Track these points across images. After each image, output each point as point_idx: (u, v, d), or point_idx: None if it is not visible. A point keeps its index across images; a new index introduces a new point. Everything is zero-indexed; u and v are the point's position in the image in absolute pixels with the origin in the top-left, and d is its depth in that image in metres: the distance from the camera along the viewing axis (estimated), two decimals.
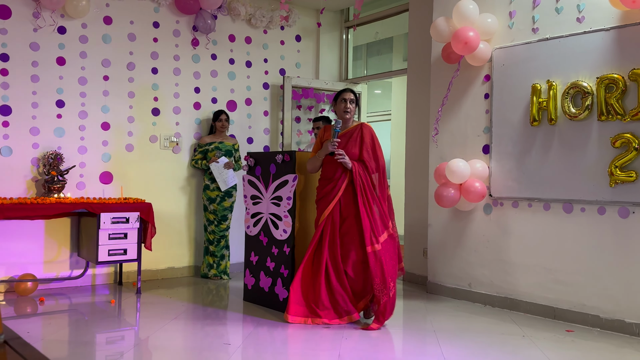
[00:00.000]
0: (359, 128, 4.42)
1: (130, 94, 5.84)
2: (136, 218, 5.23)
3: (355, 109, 4.48)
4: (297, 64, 6.97)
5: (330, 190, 4.30)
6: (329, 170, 4.33)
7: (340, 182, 4.28)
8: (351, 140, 4.34)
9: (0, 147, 5.19)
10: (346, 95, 4.42)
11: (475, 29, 4.82)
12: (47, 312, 4.69)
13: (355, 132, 4.39)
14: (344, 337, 3.94)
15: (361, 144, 4.34)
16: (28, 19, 5.28)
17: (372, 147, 4.36)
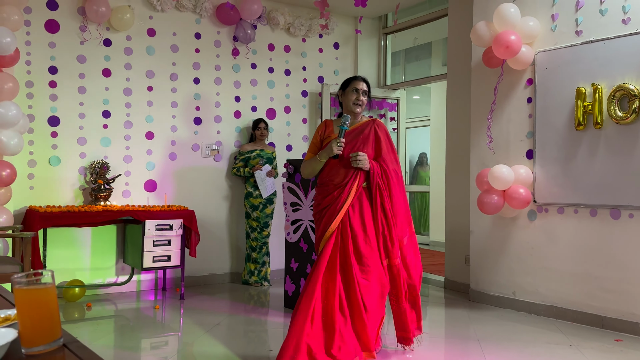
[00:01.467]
0: (371, 124, 3.66)
1: (173, 103, 5.95)
2: (179, 225, 5.32)
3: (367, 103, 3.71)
4: (335, 71, 6.99)
5: (336, 197, 3.48)
6: (334, 175, 3.54)
7: (349, 187, 3.48)
8: (361, 139, 3.58)
9: (49, 157, 5.35)
10: (359, 85, 3.64)
11: (517, 32, 4.76)
12: (94, 317, 4.79)
13: (366, 128, 3.62)
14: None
15: (376, 143, 3.61)
16: (75, 32, 5.45)
17: (390, 147, 3.67)
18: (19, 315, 1.18)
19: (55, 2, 5.33)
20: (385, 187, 3.53)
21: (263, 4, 6.30)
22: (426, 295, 5.73)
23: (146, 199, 5.80)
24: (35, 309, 1.18)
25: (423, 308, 5.13)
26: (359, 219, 3.48)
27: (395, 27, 6.89)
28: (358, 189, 3.49)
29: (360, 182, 3.51)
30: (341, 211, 3.43)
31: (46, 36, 5.32)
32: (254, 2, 6.08)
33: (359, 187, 3.50)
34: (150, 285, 5.85)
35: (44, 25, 5.31)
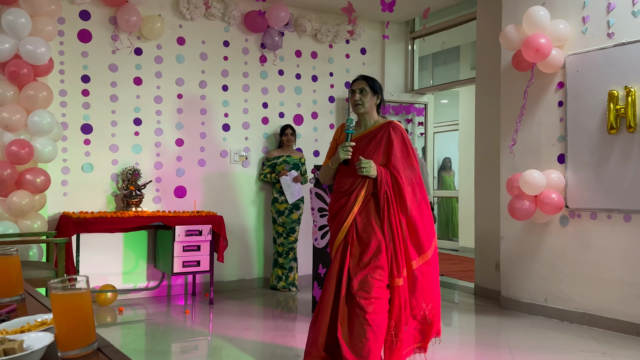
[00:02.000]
0: (385, 128, 3.27)
1: (202, 110, 6.01)
2: (208, 231, 5.36)
3: (374, 101, 3.32)
4: None
5: (343, 205, 3.22)
6: (343, 182, 3.26)
7: (356, 194, 3.17)
8: (373, 143, 3.24)
9: (82, 163, 5.45)
10: (354, 85, 3.33)
11: (547, 35, 4.70)
12: (125, 321, 4.86)
13: (379, 132, 3.25)
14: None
15: (388, 147, 3.21)
16: (107, 41, 5.54)
17: (405, 153, 3.24)
18: (55, 319, 1.20)
19: (87, 12, 5.44)
20: (394, 197, 3.14)
21: (290, 11, 6.33)
22: (456, 302, 5.68)
23: (176, 205, 5.85)
24: (71, 314, 1.20)
25: (452, 314, 5.11)
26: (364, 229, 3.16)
27: (423, 31, 6.86)
28: (366, 197, 3.16)
29: (369, 189, 3.16)
30: (347, 220, 3.16)
31: (79, 46, 5.43)
32: (281, 9, 6.13)
33: (367, 195, 3.16)
34: (180, 290, 5.90)
35: (76, 35, 5.41)
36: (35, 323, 1.37)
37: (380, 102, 3.38)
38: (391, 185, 3.14)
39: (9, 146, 4.57)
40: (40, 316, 1.42)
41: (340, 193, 3.24)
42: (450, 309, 5.36)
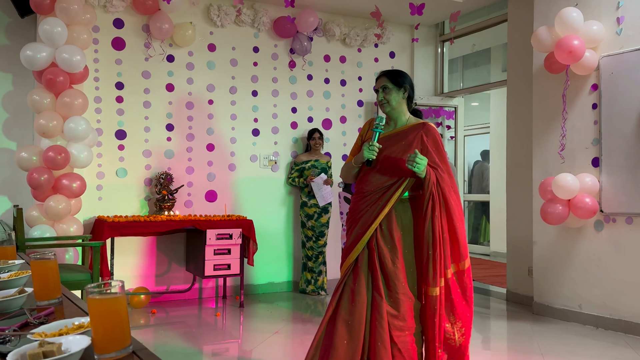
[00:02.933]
0: (418, 130, 2.96)
1: (232, 116, 6.06)
2: (239, 234, 5.39)
3: (400, 95, 3.01)
4: None
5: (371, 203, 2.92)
6: (366, 183, 2.98)
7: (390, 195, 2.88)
8: (402, 144, 2.95)
9: (117, 169, 5.54)
10: (377, 84, 3.07)
11: (580, 37, 4.63)
12: (158, 323, 4.91)
13: (411, 134, 2.96)
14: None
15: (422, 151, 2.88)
16: (140, 49, 5.63)
17: (443, 158, 2.96)
18: (92, 323, 1.22)
19: (121, 20, 5.54)
20: (439, 200, 2.86)
21: (319, 16, 6.35)
22: (487, 308, 5.61)
23: (207, 209, 5.90)
24: (107, 318, 1.22)
25: (484, 320, 5.06)
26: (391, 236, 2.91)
27: (453, 34, 6.82)
28: (395, 201, 2.89)
29: (401, 193, 2.89)
30: (375, 222, 2.88)
31: (113, 53, 5.52)
32: (310, 14, 6.16)
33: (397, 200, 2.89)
34: (211, 293, 5.95)
35: (110, 43, 5.51)
36: (72, 326, 1.39)
37: (410, 94, 3.06)
38: (437, 187, 2.85)
39: (46, 152, 4.67)
40: (77, 319, 1.44)
41: (362, 194, 2.97)
42: (482, 314, 5.30)
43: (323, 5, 6.25)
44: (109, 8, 5.44)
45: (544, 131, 5.21)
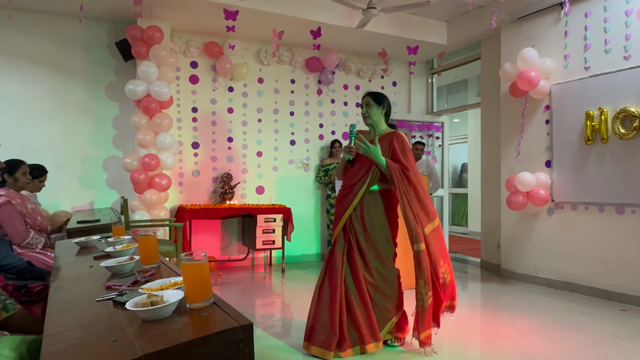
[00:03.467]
0: (390, 136, 2.85)
1: (275, 130, 6.10)
2: (281, 218, 5.41)
3: (380, 111, 2.91)
4: (394, 102, 6.94)
5: (345, 195, 2.85)
6: (348, 177, 2.89)
7: (358, 188, 2.79)
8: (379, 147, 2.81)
9: (192, 170, 5.64)
10: (362, 101, 2.97)
11: (536, 70, 4.59)
12: (223, 283, 4.96)
13: (384, 139, 2.86)
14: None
15: (391, 151, 2.81)
16: (209, 82, 5.70)
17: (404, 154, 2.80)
18: (184, 281, 1.28)
19: (196, 62, 5.62)
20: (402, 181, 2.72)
21: (340, 56, 6.36)
22: (465, 273, 5.59)
23: (257, 199, 5.94)
24: (195, 277, 1.27)
25: (462, 283, 5.05)
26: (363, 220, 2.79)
27: (440, 68, 6.78)
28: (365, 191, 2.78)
29: (369, 185, 2.78)
30: (348, 210, 2.79)
31: (190, 86, 5.60)
32: (333, 55, 6.18)
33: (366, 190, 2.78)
34: (261, 262, 5.98)
35: (188, 78, 5.59)
36: (169, 283, 1.44)
37: (387, 111, 2.94)
38: (399, 170, 2.73)
39: (143, 158, 4.79)
40: (173, 279, 1.48)
41: (344, 186, 2.88)
42: (461, 278, 5.29)
43: (342, 48, 6.27)
44: (187, 53, 5.54)
45: (508, 140, 5.17)
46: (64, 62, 5.07)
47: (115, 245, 2.23)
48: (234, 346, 1.08)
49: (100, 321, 1.19)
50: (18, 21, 4.85)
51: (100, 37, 5.22)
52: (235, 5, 4.72)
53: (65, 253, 2.26)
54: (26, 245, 2.93)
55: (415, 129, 6.99)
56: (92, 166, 5.19)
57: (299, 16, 5.10)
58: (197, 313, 1.21)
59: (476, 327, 3.52)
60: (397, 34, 5.72)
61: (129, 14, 4.92)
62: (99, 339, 1.07)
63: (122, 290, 1.46)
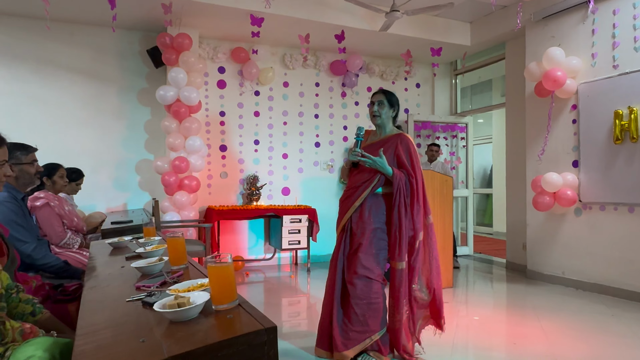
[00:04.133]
0: (395, 138, 2.73)
1: (300, 133, 6.10)
2: (306, 219, 5.41)
3: (390, 113, 2.76)
4: (417, 104, 6.87)
5: (349, 196, 2.74)
6: (352, 180, 2.77)
7: (361, 191, 2.67)
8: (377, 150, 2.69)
9: (220, 172, 5.68)
10: (374, 97, 2.78)
11: (562, 69, 4.45)
12: (250, 282, 4.98)
13: (389, 141, 2.73)
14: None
15: (395, 154, 2.69)
16: (236, 87, 5.74)
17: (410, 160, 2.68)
18: (210, 283, 1.27)
19: (223, 67, 5.67)
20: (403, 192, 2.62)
21: (363, 59, 6.33)
22: (490, 273, 5.46)
23: (283, 200, 5.94)
24: (221, 279, 1.26)
25: (487, 282, 4.94)
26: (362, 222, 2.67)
27: (463, 69, 6.66)
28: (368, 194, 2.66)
29: (373, 189, 2.66)
30: (348, 211, 2.70)
31: (217, 91, 5.65)
32: (356, 58, 6.15)
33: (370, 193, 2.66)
34: (287, 261, 5.98)
35: (216, 83, 5.64)
36: (196, 285, 1.43)
37: (396, 115, 2.81)
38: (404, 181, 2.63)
39: (173, 161, 4.86)
40: (199, 280, 1.47)
41: (348, 188, 2.77)
42: (486, 279, 5.17)
43: (366, 51, 6.23)
44: (215, 59, 5.60)
45: (534, 141, 5.03)
46: (99, 70, 5.20)
47: (146, 246, 2.25)
48: (259, 348, 1.08)
49: (129, 321, 1.20)
50: (56, 31, 5.00)
51: (133, 45, 5.33)
52: (261, 11, 4.74)
53: (99, 253, 2.31)
54: (63, 245, 3.01)
55: (439, 130, 6.88)
56: (125, 169, 5.30)
57: (323, 20, 5.08)
58: (223, 315, 1.20)
59: (501, 329, 3.42)
60: (420, 36, 5.64)
61: (160, 23, 5.00)
62: (128, 339, 1.07)
63: (151, 291, 1.46)
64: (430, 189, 4.52)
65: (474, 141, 8.00)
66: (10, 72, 4.87)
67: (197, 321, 1.16)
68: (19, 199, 2.31)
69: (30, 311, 1.50)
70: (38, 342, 1.16)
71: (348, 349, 2.55)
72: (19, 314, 1.48)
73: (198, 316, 1.20)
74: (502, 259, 6.07)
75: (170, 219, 4.78)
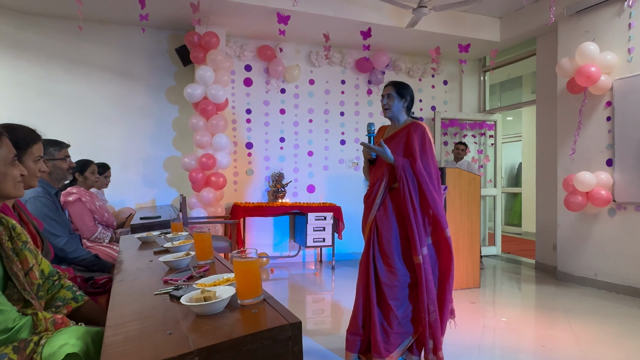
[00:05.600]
0: (408, 127, 2.60)
1: (326, 130, 6.09)
2: (331, 217, 5.38)
3: (402, 104, 2.63)
4: (444, 101, 6.76)
5: (369, 194, 2.66)
6: (372, 177, 2.70)
7: (378, 187, 2.60)
8: (395, 142, 2.60)
9: (246, 169, 5.72)
10: (384, 91, 2.67)
11: (596, 65, 4.29)
12: (275, 279, 4.99)
13: (402, 131, 2.61)
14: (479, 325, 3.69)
15: (407, 144, 2.56)
16: (262, 85, 5.76)
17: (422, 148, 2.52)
18: (236, 278, 1.27)
19: (249, 65, 5.71)
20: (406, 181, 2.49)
21: (390, 56, 6.26)
22: (519, 274, 5.33)
23: (308, 198, 5.95)
24: (246, 274, 1.26)
25: (516, 283, 4.82)
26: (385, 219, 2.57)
27: (493, 66, 6.51)
28: (385, 190, 2.57)
29: (388, 184, 2.57)
30: (372, 210, 2.60)
31: (244, 89, 5.69)
32: (383, 55, 6.09)
33: (385, 188, 2.57)
34: (311, 258, 5.98)
35: (242, 81, 5.68)
36: (222, 280, 1.43)
37: (410, 105, 2.68)
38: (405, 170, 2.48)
39: (200, 158, 4.92)
40: (225, 275, 1.48)
41: (369, 186, 2.69)
42: (514, 279, 5.05)
43: (392, 48, 6.17)
44: (242, 57, 5.64)
45: (566, 139, 4.88)
46: (129, 69, 5.31)
47: (173, 241, 2.27)
48: (283, 343, 1.07)
49: (157, 314, 1.22)
50: (88, 32, 5.14)
51: (161, 44, 5.42)
52: (287, 9, 4.75)
53: (128, 247, 2.35)
54: (94, 240, 3.09)
55: (467, 128, 6.76)
56: (153, 165, 5.39)
57: (349, 17, 5.05)
58: (248, 309, 1.20)
59: (530, 330, 3.33)
60: (448, 32, 5.54)
61: (188, 22, 5.07)
62: (155, 332, 1.09)
63: (178, 285, 1.48)
64: (457, 188, 4.44)
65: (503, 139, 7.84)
66: (45, 72, 5.03)
67: (223, 315, 1.17)
68: (52, 194, 2.38)
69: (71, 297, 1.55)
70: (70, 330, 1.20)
71: (390, 352, 2.46)
72: (60, 298, 1.53)
73: (224, 310, 1.20)
74: (531, 260, 5.92)
75: (197, 215, 4.84)
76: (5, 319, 1.19)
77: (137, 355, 0.95)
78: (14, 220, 1.43)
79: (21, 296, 1.31)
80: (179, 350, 0.96)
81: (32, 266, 1.39)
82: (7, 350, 1.15)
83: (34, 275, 1.39)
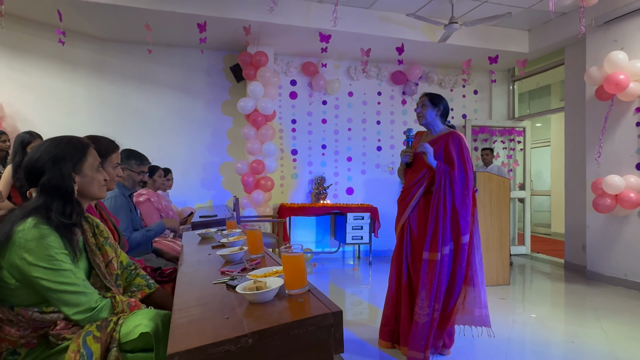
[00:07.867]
0: (446, 136, 2.52)
1: (363, 138, 6.06)
2: (368, 217, 5.36)
3: (435, 112, 2.57)
4: (475, 110, 6.57)
5: (404, 196, 2.59)
6: (408, 180, 2.61)
7: (416, 188, 2.52)
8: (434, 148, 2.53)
9: (292, 173, 5.78)
10: (419, 101, 2.64)
11: (625, 72, 4.05)
12: (317, 272, 5.00)
13: (440, 140, 2.53)
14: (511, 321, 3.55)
15: (445, 155, 2.49)
16: (306, 98, 5.82)
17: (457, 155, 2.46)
18: (284, 270, 1.28)
19: (295, 80, 5.78)
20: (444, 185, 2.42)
21: (423, 68, 6.17)
22: (548, 273, 5.09)
23: (347, 199, 5.94)
24: (293, 267, 1.26)
25: (545, 282, 4.60)
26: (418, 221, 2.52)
27: (522, 76, 6.27)
28: (422, 193, 2.51)
29: (425, 188, 2.50)
30: (406, 211, 2.54)
31: (289, 101, 5.77)
32: (416, 68, 6.00)
33: (423, 192, 2.51)
34: (350, 255, 5.97)
35: (288, 95, 5.76)
36: (272, 272, 1.44)
37: (443, 113, 2.60)
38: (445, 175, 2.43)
39: (251, 164, 5.00)
40: (274, 267, 1.49)
41: (404, 188, 2.62)
42: (543, 278, 4.83)
43: (425, 61, 6.07)
44: (288, 73, 5.71)
45: (594, 144, 4.62)
46: (189, 86, 5.51)
47: (229, 237, 2.33)
48: (326, 330, 1.08)
49: (215, 300, 1.26)
50: (155, 54, 5.37)
51: (218, 63, 5.59)
52: (328, 29, 4.78)
53: (190, 242, 2.43)
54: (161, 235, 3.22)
55: (497, 134, 6.54)
56: (210, 170, 5.55)
57: (385, 35, 5.02)
58: (295, 299, 1.22)
59: (559, 327, 3.17)
60: (478, 45, 5.39)
61: (241, 43, 5.21)
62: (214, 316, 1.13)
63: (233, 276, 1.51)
64: (487, 191, 4.32)
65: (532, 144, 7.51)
66: (120, 90, 5.31)
67: (273, 303, 1.19)
68: (127, 195, 2.51)
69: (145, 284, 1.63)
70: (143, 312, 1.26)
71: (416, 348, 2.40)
72: (135, 285, 1.63)
73: (273, 299, 1.22)
74: (560, 259, 5.63)
75: (248, 214, 4.93)
76: (89, 300, 1.27)
77: (200, 336, 0.99)
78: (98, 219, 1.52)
79: (102, 284, 1.40)
80: (235, 333, 0.99)
81: (112, 259, 1.48)
82: (91, 328, 1.23)
83: (113, 266, 1.48)
